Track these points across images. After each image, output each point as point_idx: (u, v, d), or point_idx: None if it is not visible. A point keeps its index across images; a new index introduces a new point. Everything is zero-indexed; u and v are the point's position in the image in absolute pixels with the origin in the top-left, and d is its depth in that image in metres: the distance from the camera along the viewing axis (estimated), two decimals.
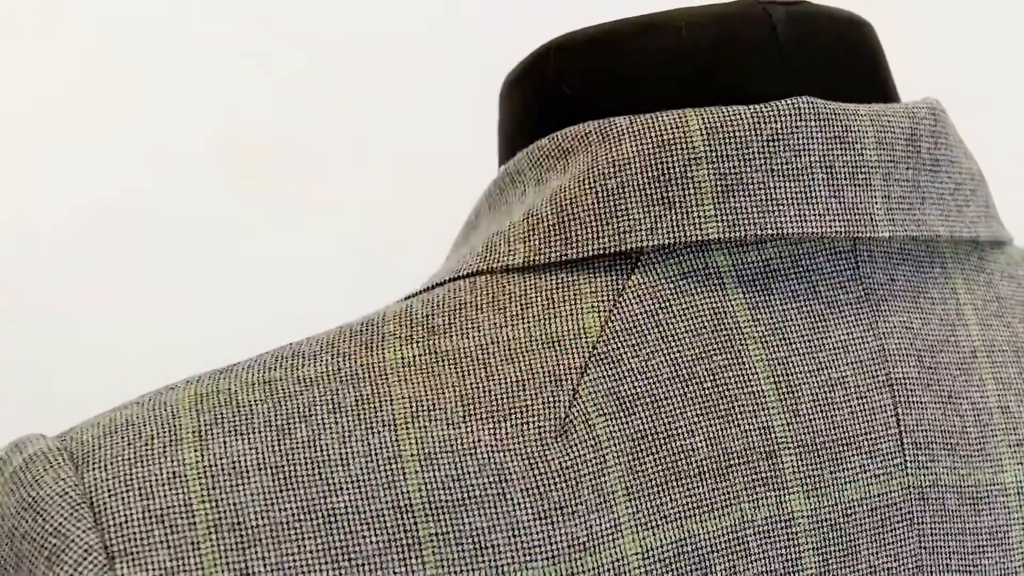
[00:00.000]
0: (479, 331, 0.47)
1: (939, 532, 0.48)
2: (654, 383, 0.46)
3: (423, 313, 0.48)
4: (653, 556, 0.44)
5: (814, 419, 0.47)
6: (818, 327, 0.49)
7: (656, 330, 0.47)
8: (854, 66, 0.54)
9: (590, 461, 0.44)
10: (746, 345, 0.48)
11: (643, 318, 0.47)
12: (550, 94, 0.54)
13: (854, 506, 0.47)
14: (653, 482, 0.45)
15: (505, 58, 1.21)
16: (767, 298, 0.49)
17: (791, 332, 0.48)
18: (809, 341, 0.48)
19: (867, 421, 0.48)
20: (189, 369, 1.19)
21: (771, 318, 0.48)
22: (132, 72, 1.20)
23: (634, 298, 0.48)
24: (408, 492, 0.43)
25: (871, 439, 0.48)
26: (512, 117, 0.56)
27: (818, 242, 0.50)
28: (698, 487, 0.45)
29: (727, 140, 0.48)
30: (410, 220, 1.22)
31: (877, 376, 0.49)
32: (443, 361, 0.46)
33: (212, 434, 0.44)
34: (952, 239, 0.52)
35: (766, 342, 0.48)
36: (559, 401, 0.45)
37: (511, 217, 0.51)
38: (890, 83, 0.56)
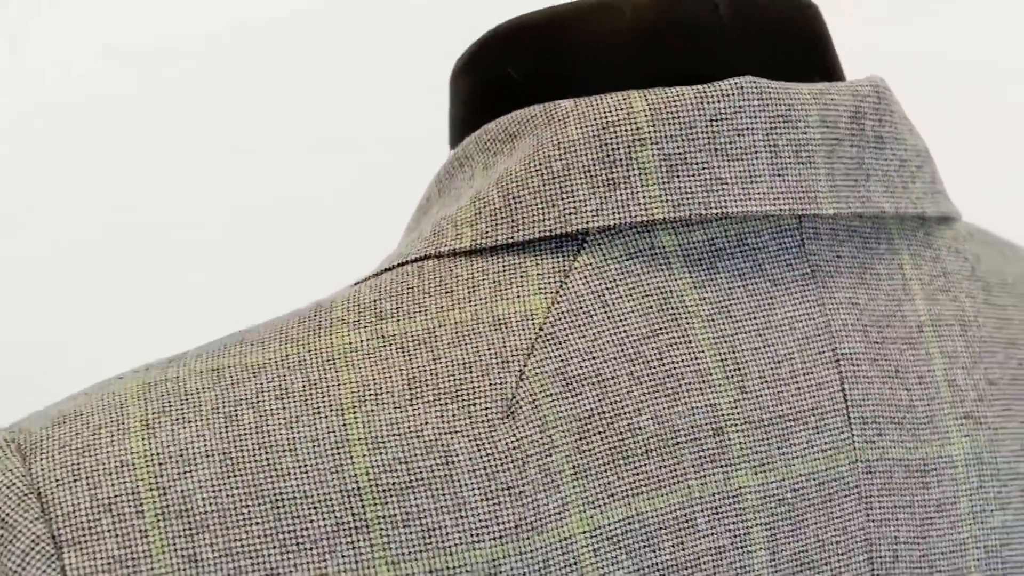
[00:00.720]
0: (426, 315, 0.47)
1: (887, 505, 0.49)
2: (601, 363, 0.47)
3: (371, 298, 0.48)
4: (600, 534, 0.45)
5: (761, 396, 0.48)
6: (764, 304, 0.49)
7: (603, 310, 0.47)
8: (798, 46, 0.54)
9: (537, 441, 0.45)
10: (692, 324, 0.48)
11: (589, 299, 0.48)
12: (497, 79, 0.54)
13: (802, 481, 0.48)
14: (600, 461, 0.45)
15: None
16: (713, 277, 0.49)
17: (737, 310, 0.49)
18: (755, 318, 0.49)
19: (813, 396, 0.48)
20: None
21: (717, 296, 0.49)
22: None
23: (580, 279, 0.48)
24: (355, 475, 0.43)
25: (818, 414, 0.48)
26: (461, 102, 0.56)
27: (764, 220, 0.50)
28: (645, 465, 0.46)
29: (671, 120, 0.49)
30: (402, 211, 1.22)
31: (823, 352, 0.49)
32: (390, 345, 0.46)
33: (160, 423, 0.44)
34: (898, 215, 0.52)
35: (712, 320, 0.48)
36: (506, 382, 0.45)
37: (460, 201, 0.51)
38: (835, 63, 0.56)
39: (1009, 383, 0.52)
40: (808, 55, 0.55)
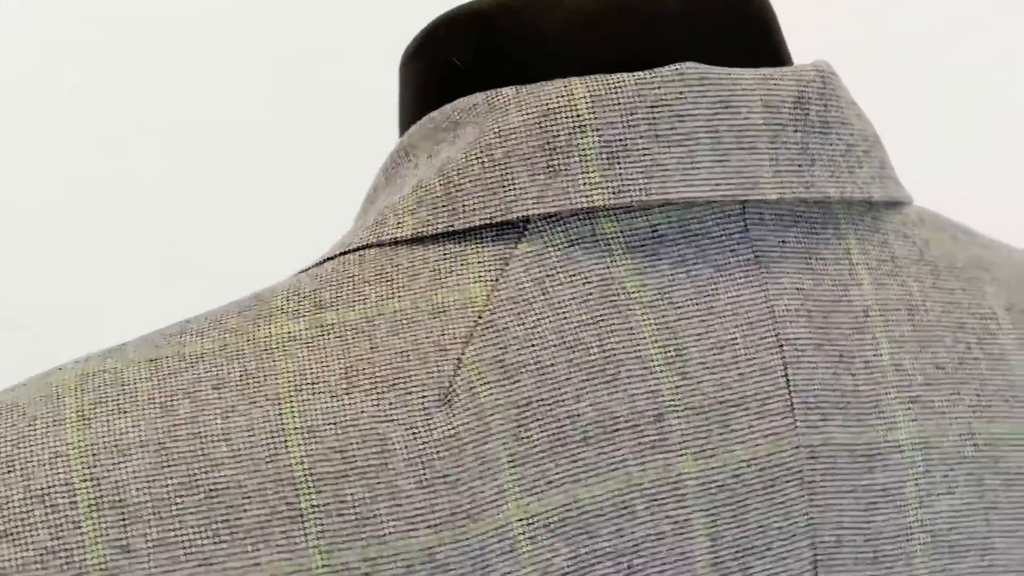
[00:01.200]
0: (365, 303, 0.47)
1: (830, 490, 0.49)
2: (539, 350, 0.47)
3: (311, 287, 0.48)
4: (537, 522, 0.45)
5: (702, 381, 0.48)
6: (707, 290, 0.49)
7: (542, 298, 0.47)
8: (743, 33, 0.54)
9: (473, 429, 0.45)
10: (633, 310, 0.48)
11: (529, 286, 0.48)
12: (442, 67, 0.54)
13: (743, 466, 0.48)
14: (538, 448, 0.45)
15: None
16: (655, 263, 0.49)
17: (679, 296, 0.49)
18: (697, 304, 0.49)
19: (756, 382, 0.48)
20: None
21: (659, 283, 0.49)
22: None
23: (520, 267, 0.48)
24: (290, 465, 0.43)
25: (760, 400, 0.48)
26: (409, 91, 0.56)
27: (707, 206, 0.50)
28: (584, 452, 0.46)
29: (611, 107, 0.48)
30: None
31: (766, 337, 0.49)
32: (328, 334, 0.46)
33: (95, 413, 0.44)
34: (844, 200, 0.52)
35: (654, 307, 0.48)
36: (443, 371, 0.45)
37: (403, 190, 0.51)
38: (782, 49, 0.56)
39: (957, 367, 0.52)
40: (755, 41, 0.55)
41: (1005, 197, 1.26)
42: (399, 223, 0.49)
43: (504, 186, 0.48)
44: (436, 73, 0.54)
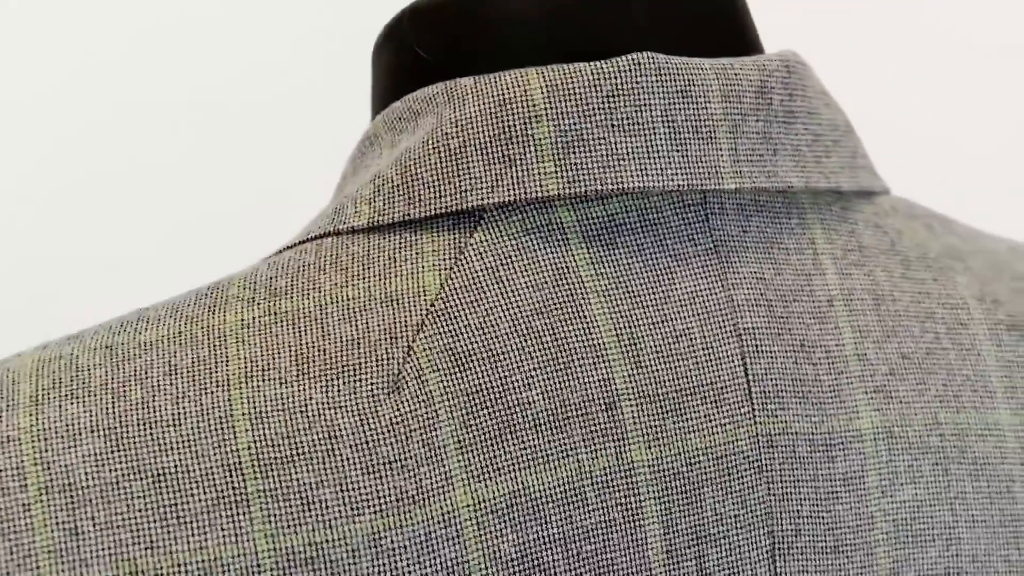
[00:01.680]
0: (319, 291, 0.48)
1: (789, 479, 0.49)
2: (491, 338, 0.47)
3: (267, 276, 0.49)
4: (485, 508, 0.45)
5: (657, 370, 0.48)
6: (664, 279, 0.49)
7: (496, 286, 0.48)
8: (709, 23, 0.54)
9: (421, 416, 0.45)
10: (588, 299, 0.48)
11: (483, 275, 0.48)
12: (407, 57, 0.54)
13: (698, 455, 0.48)
14: (487, 435, 0.46)
15: None
16: (611, 252, 0.49)
17: (635, 285, 0.49)
18: (654, 293, 0.49)
19: (713, 371, 0.48)
20: None
21: (615, 272, 0.49)
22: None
23: (475, 256, 0.48)
24: (237, 450, 0.44)
25: (716, 388, 0.48)
26: (378, 79, 0.57)
27: (666, 196, 0.50)
28: (534, 439, 0.46)
29: (567, 97, 0.49)
30: None
31: (724, 326, 0.49)
32: (282, 322, 0.47)
33: (48, 398, 0.45)
34: (809, 189, 0.52)
35: (609, 295, 0.48)
36: (393, 358, 0.46)
37: (364, 179, 0.51)
38: (751, 39, 0.56)
39: (924, 356, 0.52)
40: (722, 31, 0.55)
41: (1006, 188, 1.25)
42: (357, 212, 0.50)
43: (460, 175, 0.48)
44: (402, 63, 0.55)
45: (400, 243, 0.49)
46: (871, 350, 0.51)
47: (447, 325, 0.47)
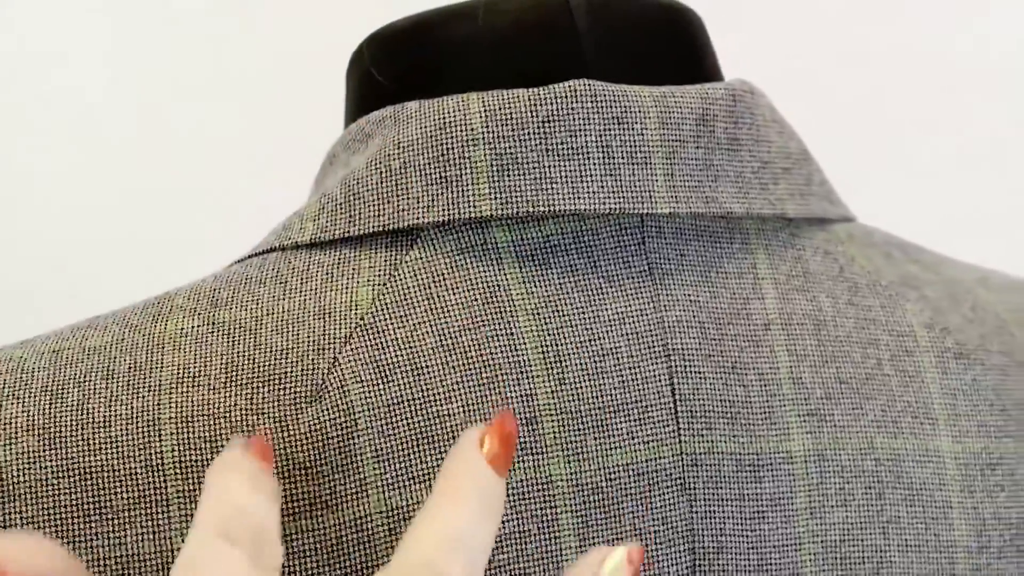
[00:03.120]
0: (257, 304, 0.50)
1: (712, 497, 0.50)
2: (416, 353, 0.48)
3: (212, 287, 0.51)
4: (398, 515, 0.47)
5: (580, 387, 0.49)
6: (594, 300, 0.51)
7: (426, 302, 0.49)
8: (661, 50, 0.55)
9: (340, 424, 0.47)
10: (516, 317, 0.50)
11: (415, 291, 0.50)
12: (367, 81, 0.57)
13: (619, 471, 0.49)
14: (404, 445, 0.47)
15: None
16: (544, 272, 0.50)
17: (564, 304, 0.50)
18: (583, 313, 0.50)
19: (638, 389, 0.50)
20: None
21: (545, 291, 0.50)
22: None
23: (409, 272, 0.50)
24: (161, 452, 0.46)
25: (641, 406, 0.50)
26: (346, 103, 0.59)
27: (603, 219, 0.51)
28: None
29: (504, 121, 0.50)
30: None
31: (654, 347, 0.50)
32: (218, 331, 0.49)
33: None
34: (751, 215, 0.53)
35: (537, 314, 0.50)
36: (318, 368, 0.48)
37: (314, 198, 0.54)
38: (708, 65, 0.57)
39: (864, 382, 0.53)
40: (674, 59, 0.56)
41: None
42: (301, 228, 0.52)
43: (398, 195, 0.50)
44: (363, 86, 0.57)
45: (339, 259, 0.51)
46: (807, 374, 0.52)
47: (374, 338, 0.49)
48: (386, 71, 0.56)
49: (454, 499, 0.42)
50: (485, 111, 0.51)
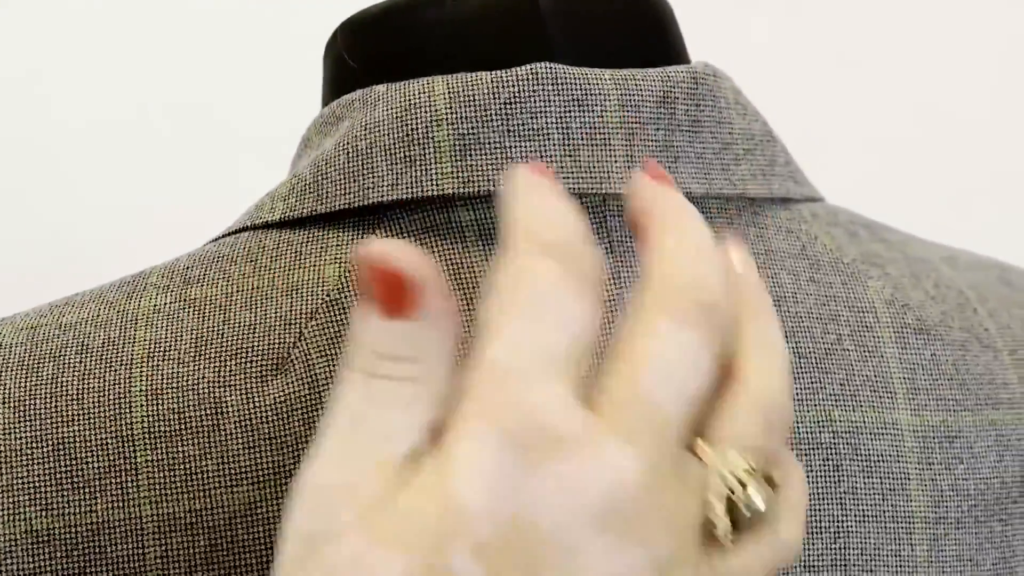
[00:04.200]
0: (228, 281, 0.51)
1: None
2: None
3: (185, 266, 0.53)
4: None
5: None
6: None
7: None
8: (625, 34, 0.57)
9: (304, 397, 0.48)
10: (478, 293, 0.51)
11: None
12: (339, 66, 0.58)
13: None
14: None
15: None
16: None
17: None
18: None
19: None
20: None
21: None
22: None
23: None
24: (131, 424, 0.48)
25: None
26: (323, 86, 0.61)
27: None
28: None
29: (467, 103, 0.52)
30: None
31: (613, 322, 0.52)
32: (189, 308, 0.51)
33: None
34: (712, 196, 0.54)
35: None
36: (284, 342, 0.49)
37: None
38: (673, 49, 0.59)
39: (823, 356, 0.54)
40: (638, 43, 0.57)
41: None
42: (272, 208, 0.54)
43: (364, 174, 0.52)
44: (336, 71, 0.59)
45: (308, 238, 0.52)
46: None
47: (340, 314, 0.50)
48: (357, 56, 0.57)
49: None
50: (449, 93, 0.52)
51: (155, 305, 0.51)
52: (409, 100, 0.52)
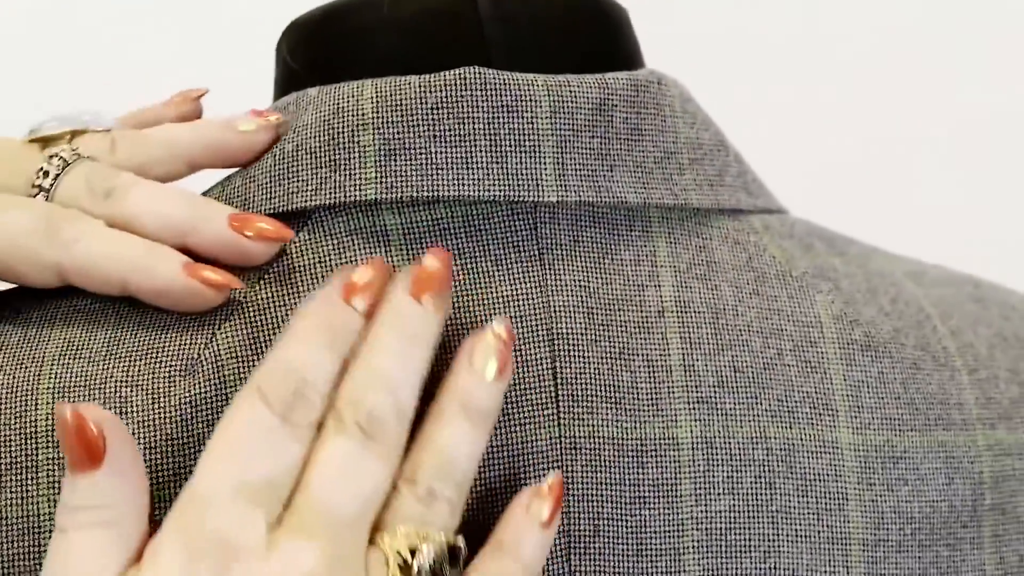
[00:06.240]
0: None
1: (590, 481, 0.50)
2: None
3: None
4: None
5: None
6: (482, 283, 0.51)
7: (310, 283, 0.51)
8: (569, 40, 0.56)
9: (211, 398, 0.48)
10: None
11: (299, 272, 0.51)
12: (284, 69, 0.58)
13: (494, 452, 0.49)
14: None
15: None
16: None
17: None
18: (469, 296, 0.51)
19: (519, 373, 0.50)
20: None
21: None
22: None
23: (296, 253, 0.51)
24: (36, 421, 0.48)
25: (520, 389, 0.50)
26: (273, 87, 0.61)
27: (496, 204, 0.52)
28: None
29: (394, 107, 0.51)
30: None
31: (537, 331, 0.51)
32: (110, 309, 0.51)
33: None
34: (649, 205, 0.53)
35: None
36: (196, 343, 0.49)
37: None
38: (623, 55, 0.58)
39: (761, 371, 0.53)
40: (585, 49, 0.56)
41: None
42: None
43: (289, 178, 0.52)
44: (282, 73, 0.59)
45: None
46: (700, 361, 0.52)
47: (253, 316, 0.50)
48: (299, 58, 0.57)
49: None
50: (377, 97, 0.52)
51: (75, 306, 0.51)
52: (337, 104, 0.52)
